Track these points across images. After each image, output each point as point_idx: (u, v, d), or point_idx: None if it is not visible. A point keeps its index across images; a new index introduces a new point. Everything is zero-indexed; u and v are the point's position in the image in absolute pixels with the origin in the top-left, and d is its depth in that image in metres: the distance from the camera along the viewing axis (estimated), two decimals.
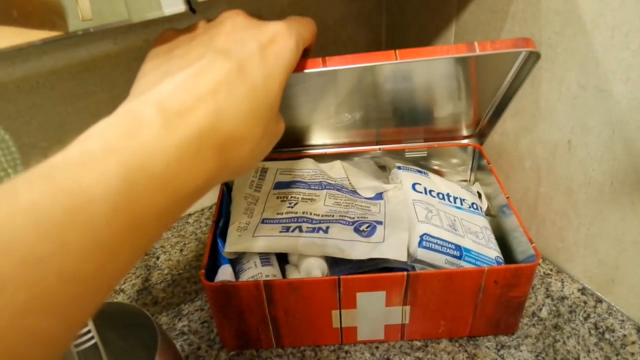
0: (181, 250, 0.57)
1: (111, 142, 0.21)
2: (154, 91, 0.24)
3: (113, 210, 0.20)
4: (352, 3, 0.60)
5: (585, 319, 0.45)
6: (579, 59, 0.41)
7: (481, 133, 0.52)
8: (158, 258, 0.56)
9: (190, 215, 0.62)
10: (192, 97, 0.24)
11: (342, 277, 0.39)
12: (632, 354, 0.42)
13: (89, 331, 0.34)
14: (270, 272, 0.44)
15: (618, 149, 0.41)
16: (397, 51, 0.36)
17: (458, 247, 0.43)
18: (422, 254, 0.42)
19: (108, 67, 0.49)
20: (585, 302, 0.47)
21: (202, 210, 0.63)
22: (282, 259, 0.46)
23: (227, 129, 0.25)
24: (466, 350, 0.43)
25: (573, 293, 0.48)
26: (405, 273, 0.39)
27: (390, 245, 0.42)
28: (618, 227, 0.43)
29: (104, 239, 0.19)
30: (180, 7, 0.35)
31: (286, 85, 0.29)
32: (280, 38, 0.29)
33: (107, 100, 0.50)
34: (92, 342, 0.35)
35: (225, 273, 0.44)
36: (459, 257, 0.42)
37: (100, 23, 0.35)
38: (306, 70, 0.35)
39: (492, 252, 0.44)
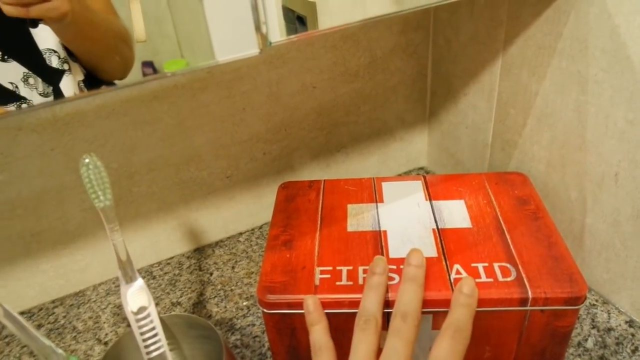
0: (233, 268, 0.60)
1: None
2: None
3: None
4: (400, 36, 0.63)
5: (633, 351, 0.45)
6: (626, 95, 0.42)
7: None
8: (211, 274, 0.59)
9: (241, 234, 0.65)
10: None
11: (390, 299, 0.41)
12: None
13: (159, 340, 0.37)
14: None
15: None
16: None
17: None
18: None
19: (175, 96, 0.53)
20: (633, 335, 0.47)
21: (253, 229, 0.66)
22: None
23: None
24: None
25: (620, 325, 0.48)
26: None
27: None
28: None
29: None
30: (233, 55, 0.38)
31: None
32: None
33: (173, 125, 0.55)
34: (161, 350, 0.38)
35: None
36: None
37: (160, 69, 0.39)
38: None
39: None
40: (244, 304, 0.55)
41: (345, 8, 0.40)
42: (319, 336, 0.39)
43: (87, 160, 0.33)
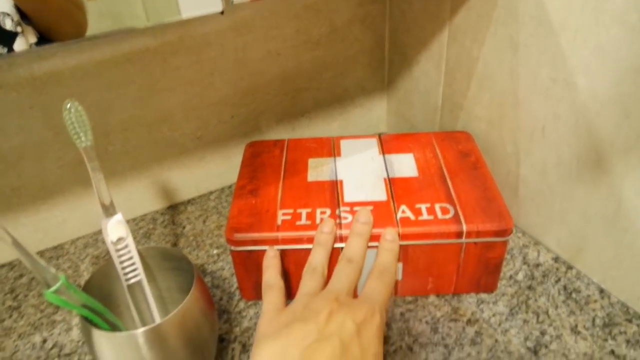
0: (204, 222, 0.65)
1: None
2: None
3: None
4: (359, 8, 0.68)
5: (556, 282, 0.52)
6: (550, 56, 0.48)
7: None
8: (184, 228, 0.64)
9: (212, 192, 0.70)
10: None
11: (343, 234, 0.47)
12: (593, 309, 0.49)
13: (136, 268, 0.42)
14: None
15: (582, 133, 0.48)
16: None
17: None
18: None
19: (147, 60, 0.57)
20: (557, 269, 0.54)
21: (222, 188, 0.71)
22: None
23: None
24: (450, 304, 0.50)
25: (547, 261, 0.55)
26: (398, 231, 0.46)
27: None
28: (583, 201, 0.50)
29: None
30: (197, 12, 0.42)
31: None
32: (369, 316, 0.37)
33: (145, 87, 0.58)
34: (138, 278, 0.42)
35: None
36: None
37: (120, 26, 0.41)
38: None
39: None
40: (215, 252, 0.59)
41: None
42: (271, 276, 0.44)
43: (69, 105, 0.37)
